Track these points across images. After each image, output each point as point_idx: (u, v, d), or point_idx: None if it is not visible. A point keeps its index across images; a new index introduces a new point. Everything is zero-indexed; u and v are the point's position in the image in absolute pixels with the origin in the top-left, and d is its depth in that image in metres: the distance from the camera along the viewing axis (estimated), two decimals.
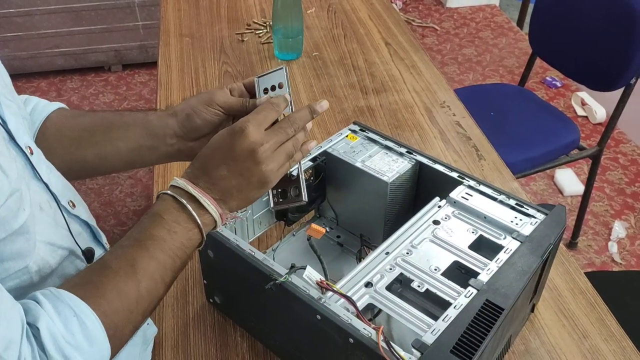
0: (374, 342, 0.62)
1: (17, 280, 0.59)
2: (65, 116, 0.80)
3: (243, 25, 1.65)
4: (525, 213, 0.80)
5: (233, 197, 0.65)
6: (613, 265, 2.02)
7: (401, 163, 0.87)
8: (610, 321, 0.86)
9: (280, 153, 0.66)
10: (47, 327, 0.51)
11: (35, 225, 0.59)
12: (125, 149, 0.76)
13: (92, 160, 0.77)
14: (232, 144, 0.64)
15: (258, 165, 0.64)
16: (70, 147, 0.77)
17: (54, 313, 0.52)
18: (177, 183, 0.64)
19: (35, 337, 0.51)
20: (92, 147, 0.77)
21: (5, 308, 0.50)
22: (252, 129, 0.64)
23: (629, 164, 2.44)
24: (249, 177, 0.64)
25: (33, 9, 2.65)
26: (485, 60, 3.12)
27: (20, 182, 0.57)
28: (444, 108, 1.34)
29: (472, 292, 0.68)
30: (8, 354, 0.48)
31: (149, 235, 0.61)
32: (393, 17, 1.71)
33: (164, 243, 0.61)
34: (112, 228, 2.19)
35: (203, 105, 0.74)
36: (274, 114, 0.68)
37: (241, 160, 0.64)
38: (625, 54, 1.62)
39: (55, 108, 0.80)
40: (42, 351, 0.51)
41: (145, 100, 2.83)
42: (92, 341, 0.53)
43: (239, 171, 0.64)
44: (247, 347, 0.83)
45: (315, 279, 0.68)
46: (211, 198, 0.63)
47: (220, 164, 0.64)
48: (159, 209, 0.63)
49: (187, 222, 0.62)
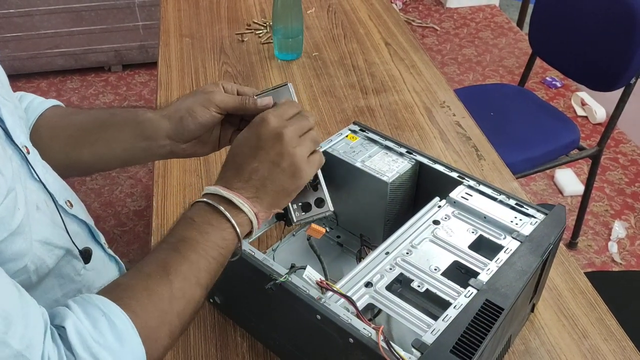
0: (373, 342, 0.62)
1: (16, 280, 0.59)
2: (60, 115, 0.79)
3: (243, 25, 1.65)
4: (525, 213, 0.80)
5: (267, 190, 0.64)
6: (613, 265, 2.02)
7: (401, 163, 0.87)
8: (610, 321, 0.86)
9: (306, 139, 0.65)
10: (74, 326, 0.50)
11: (32, 224, 0.59)
12: (119, 148, 0.76)
13: (88, 159, 0.77)
14: (257, 135, 0.64)
15: (286, 147, 0.63)
16: (65, 147, 0.76)
17: (82, 313, 0.51)
18: (208, 190, 0.63)
19: (62, 338, 0.50)
20: (87, 146, 0.76)
21: (23, 308, 0.49)
22: (272, 117, 0.64)
23: (628, 164, 2.44)
24: (280, 162, 0.63)
25: (33, 9, 2.65)
26: (485, 61, 3.12)
27: (15, 182, 0.57)
28: (443, 108, 1.34)
29: (472, 292, 0.68)
30: (30, 353, 0.47)
31: (180, 237, 0.60)
32: (393, 17, 1.71)
33: (197, 244, 0.59)
34: (112, 228, 2.19)
35: (200, 106, 0.72)
36: (294, 109, 0.67)
37: (269, 146, 0.63)
38: (625, 53, 1.62)
39: (49, 106, 0.80)
40: (70, 351, 0.49)
41: (145, 101, 2.83)
42: (123, 341, 0.51)
43: (269, 159, 0.63)
44: (247, 347, 0.83)
45: (315, 279, 0.68)
46: (244, 197, 0.62)
47: (249, 157, 0.64)
48: (190, 214, 0.62)
49: (219, 223, 0.61)
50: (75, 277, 0.70)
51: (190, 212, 0.62)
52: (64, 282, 0.68)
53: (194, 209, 0.62)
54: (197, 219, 0.61)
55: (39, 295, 0.64)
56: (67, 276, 0.68)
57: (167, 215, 1.05)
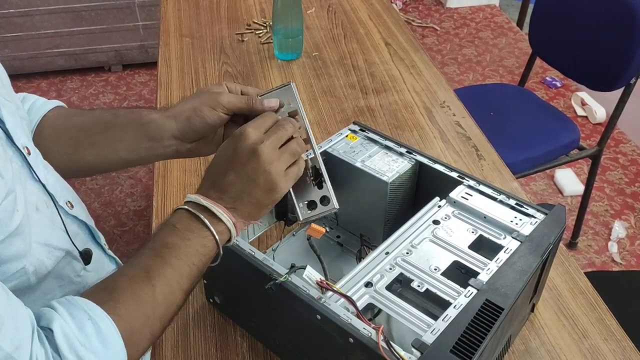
0: (373, 341, 0.62)
1: (15, 282, 0.59)
2: (62, 116, 0.79)
3: (243, 25, 1.65)
4: (525, 213, 0.80)
5: (244, 202, 0.65)
6: (613, 265, 2.02)
7: (401, 163, 0.87)
8: (610, 321, 0.86)
9: (284, 151, 0.66)
10: (61, 328, 0.51)
11: (31, 226, 0.59)
12: (122, 149, 0.76)
13: (91, 160, 0.77)
14: (234, 148, 0.64)
15: (262, 164, 0.64)
16: (67, 148, 0.77)
17: (68, 316, 0.52)
18: (189, 198, 0.64)
19: (49, 340, 0.51)
20: (90, 148, 0.77)
21: (12, 310, 0.50)
22: (250, 130, 0.65)
23: (628, 164, 2.44)
24: (256, 178, 0.64)
25: (33, 9, 2.65)
26: (485, 60, 3.12)
27: (15, 183, 0.57)
28: (443, 108, 1.34)
29: (472, 292, 0.68)
30: (19, 355, 0.48)
31: (163, 243, 0.61)
32: (393, 17, 1.71)
33: (179, 250, 0.61)
34: (113, 228, 2.19)
35: (207, 107, 0.72)
36: (271, 118, 0.68)
37: (245, 161, 0.64)
38: (625, 53, 1.62)
39: (52, 106, 0.80)
40: (56, 352, 0.50)
41: (145, 100, 2.83)
42: (107, 344, 0.53)
43: (246, 173, 0.64)
44: (247, 347, 0.83)
45: (315, 279, 0.68)
46: (223, 207, 0.63)
47: (227, 170, 0.64)
48: (172, 220, 0.63)
49: (200, 230, 0.62)
50: (74, 279, 0.70)
51: (172, 219, 0.64)
52: (64, 284, 0.68)
53: (176, 216, 0.64)
54: (179, 226, 0.62)
55: (39, 297, 0.64)
56: (67, 277, 0.68)
57: (167, 215, 1.05)
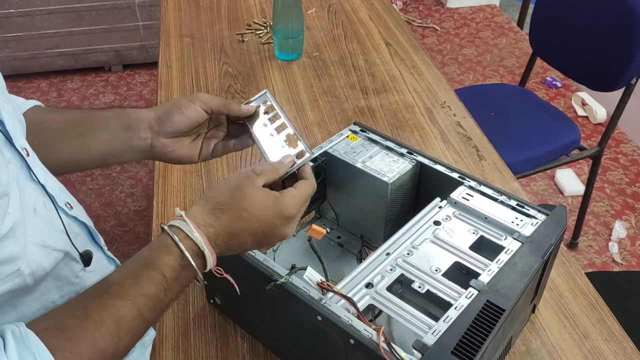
0: (374, 343, 0.62)
1: (10, 284, 0.58)
2: (41, 112, 0.80)
3: (243, 25, 1.65)
4: (525, 214, 0.80)
5: (233, 249, 0.65)
6: (614, 265, 2.02)
7: (402, 163, 0.87)
8: (611, 321, 0.86)
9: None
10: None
11: (27, 227, 0.59)
12: (99, 140, 0.77)
13: (68, 152, 0.78)
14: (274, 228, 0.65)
15: (287, 234, 0.66)
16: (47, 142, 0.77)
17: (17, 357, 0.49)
18: (194, 237, 0.60)
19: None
20: (67, 141, 0.78)
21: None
22: (296, 214, 0.66)
23: (629, 164, 2.44)
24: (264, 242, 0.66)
25: (33, 9, 2.65)
26: (485, 61, 3.12)
27: (10, 187, 0.56)
28: (444, 108, 1.34)
29: (473, 293, 0.68)
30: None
31: (145, 292, 0.58)
32: (393, 18, 1.71)
33: (159, 303, 0.58)
34: (113, 229, 2.19)
35: (186, 100, 0.76)
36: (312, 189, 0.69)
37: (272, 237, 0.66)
38: (625, 54, 1.62)
39: (30, 106, 0.80)
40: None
41: (145, 101, 2.83)
42: None
43: (265, 241, 0.66)
44: (247, 348, 0.83)
45: (315, 280, 0.68)
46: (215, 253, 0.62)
47: (249, 236, 0.64)
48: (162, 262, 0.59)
49: (188, 281, 0.61)
50: (73, 280, 0.69)
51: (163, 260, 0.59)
52: (62, 285, 0.68)
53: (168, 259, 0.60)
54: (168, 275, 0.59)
55: (36, 298, 0.64)
56: (65, 278, 0.68)
57: (168, 216, 1.05)
